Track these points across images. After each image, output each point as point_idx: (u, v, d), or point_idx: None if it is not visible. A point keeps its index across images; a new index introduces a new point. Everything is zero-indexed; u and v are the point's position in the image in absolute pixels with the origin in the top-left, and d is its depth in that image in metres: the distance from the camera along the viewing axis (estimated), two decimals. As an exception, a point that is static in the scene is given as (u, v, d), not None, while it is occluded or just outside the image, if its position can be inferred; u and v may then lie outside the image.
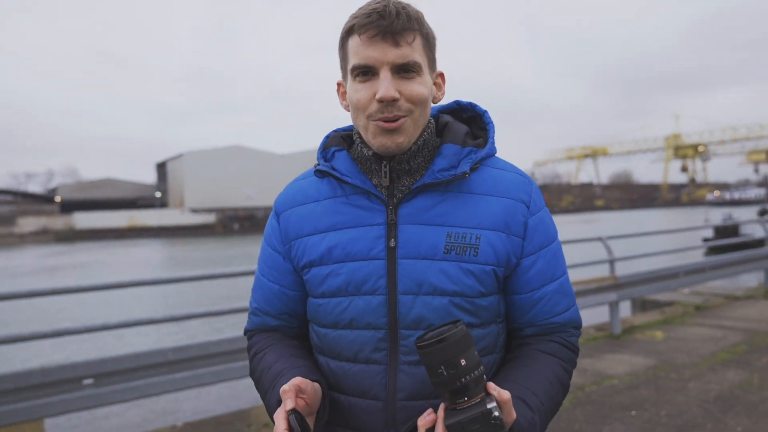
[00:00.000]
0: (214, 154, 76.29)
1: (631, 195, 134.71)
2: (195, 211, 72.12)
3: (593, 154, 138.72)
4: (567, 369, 1.21)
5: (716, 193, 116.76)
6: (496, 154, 1.28)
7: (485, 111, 1.31)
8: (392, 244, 1.17)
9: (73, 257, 38.30)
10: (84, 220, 67.26)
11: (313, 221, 1.24)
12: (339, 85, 1.28)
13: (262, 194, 76.71)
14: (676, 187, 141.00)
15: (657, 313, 8.26)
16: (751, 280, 12.76)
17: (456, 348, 0.98)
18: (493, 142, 1.26)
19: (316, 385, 1.13)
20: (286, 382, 1.10)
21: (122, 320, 4.18)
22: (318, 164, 1.27)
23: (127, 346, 9.63)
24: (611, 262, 7.23)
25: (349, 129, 1.32)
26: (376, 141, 1.17)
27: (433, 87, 1.24)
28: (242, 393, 6.36)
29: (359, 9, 1.16)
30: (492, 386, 0.99)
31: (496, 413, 0.99)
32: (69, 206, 77.31)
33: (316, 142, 1.42)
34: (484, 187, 1.21)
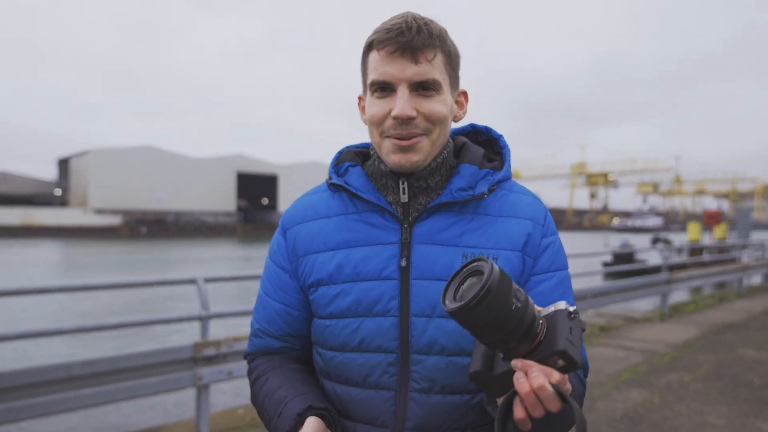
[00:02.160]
0: (123, 154, 72.49)
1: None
2: (99, 211, 68.08)
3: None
4: (581, 379, 1.18)
5: (616, 220, 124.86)
6: None
7: (501, 135, 1.29)
8: (403, 264, 1.13)
9: (-44, 256, 34.93)
10: (-29, 215, 61.73)
11: (322, 237, 1.20)
12: (360, 99, 1.24)
13: (174, 198, 73.68)
14: (580, 213, 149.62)
15: (566, 333, 8.67)
16: (645, 304, 13.72)
17: (507, 279, 0.86)
18: (509, 166, 1.24)
19: (321, 423, 1.08)
20: (291, 411, 1.07)
21: (23, 330, 3.83)
22: (330, 179, 1.23)
23: (17, 361, 8.85)
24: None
25: (363, 146, 1.30)
26: (390, 158, 1.15)
27: (454, 105, 1.21)
28: (154, 410, 6.01)
29: (382, 24, 1.14)
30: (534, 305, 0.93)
31: (571, 308, 0.91)
32: (-47, 200, 70.77)
33: (233, 149, 1.37)
34: (500, 209, 1.19)
